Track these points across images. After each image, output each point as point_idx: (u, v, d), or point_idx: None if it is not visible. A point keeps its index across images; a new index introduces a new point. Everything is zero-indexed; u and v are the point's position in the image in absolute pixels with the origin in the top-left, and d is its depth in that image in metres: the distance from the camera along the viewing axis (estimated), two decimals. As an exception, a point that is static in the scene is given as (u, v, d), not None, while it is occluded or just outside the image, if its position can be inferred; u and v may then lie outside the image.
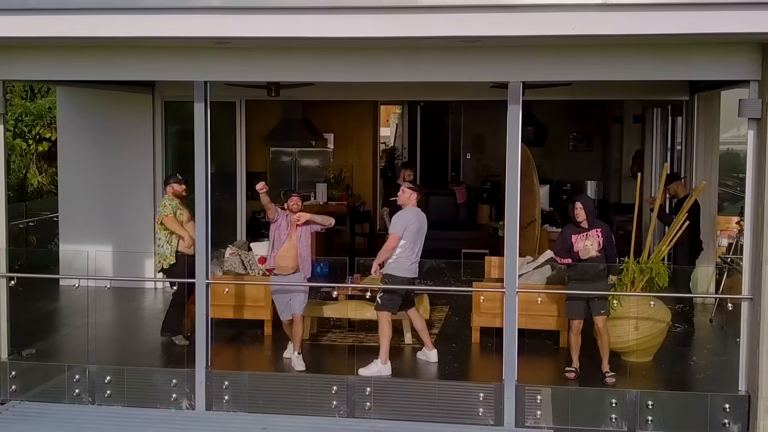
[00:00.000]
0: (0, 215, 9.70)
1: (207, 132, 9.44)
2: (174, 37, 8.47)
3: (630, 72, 8.72)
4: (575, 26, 7.60)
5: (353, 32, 8.08)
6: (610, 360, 9.40)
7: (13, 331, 10.01)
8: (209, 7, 8.35)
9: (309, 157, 18.62)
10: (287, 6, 8.22)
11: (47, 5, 8.49)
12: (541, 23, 7.72)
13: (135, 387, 9.48)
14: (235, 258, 11.70)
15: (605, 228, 9.39)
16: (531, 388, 9.00)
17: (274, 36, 8.36)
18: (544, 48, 8.71)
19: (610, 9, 7.58)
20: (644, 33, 7.65)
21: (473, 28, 7.98)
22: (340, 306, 10.93)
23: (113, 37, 8.58)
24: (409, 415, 9.09)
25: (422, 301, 10.68)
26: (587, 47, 8.56)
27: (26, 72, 9.90)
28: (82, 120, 13.99)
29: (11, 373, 9.65)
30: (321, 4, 8.14)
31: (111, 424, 9.03)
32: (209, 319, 9.54)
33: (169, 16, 8.41)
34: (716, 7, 7.67)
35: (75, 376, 9.54)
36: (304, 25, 8.26)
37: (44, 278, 11.99)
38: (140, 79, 11.67)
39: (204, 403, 9.37)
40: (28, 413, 9.29)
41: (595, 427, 8.88)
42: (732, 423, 8.69)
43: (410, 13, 8.04)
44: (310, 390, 9.27)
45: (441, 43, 8.53)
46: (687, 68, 8.68)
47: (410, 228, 9.54)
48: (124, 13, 8.42)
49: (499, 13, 7.91)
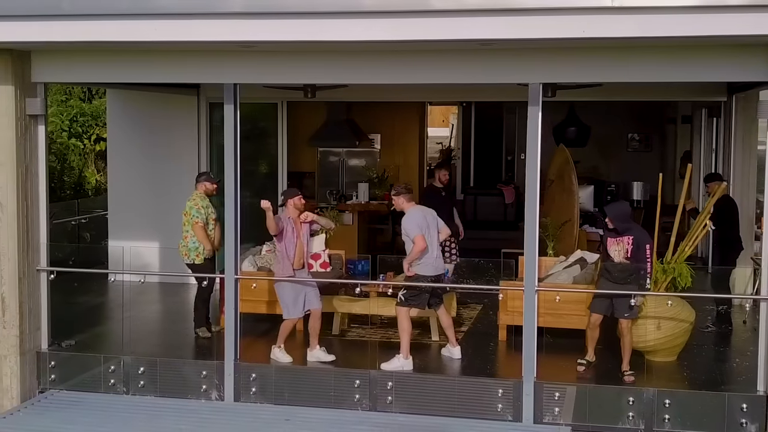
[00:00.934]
0: (42, 212, 10.11)
1: (236, 132, 9.74)
2: (211, 41, 8.80)
3: (645, 74, 8.81)
4: (586, 29, 7.72)
5: (366, 36, 8.33)
6: (633, 359, 9.47)
7: (59, 324, 10.48)
8: (238, 12, 8.62)
9: (356, 158, 18.91)
10: (311, 11, 8.46)
11: (85, 11, 8.87)
12: (553, 26, 7.84)
13: (167, 378, 9.84)
14: (271, 255, 12.00)
15: (638, 236, 9.37)
16: (549, 385, 9.13)
17: (300, 40, 8.63)
18: (561, 50, 8.83)
19: (620, 12, 7.66)
20: (652, 35, 7.75)
21: (490, 31, 8.15)
22: (367, 303, 11.16)
23: (144, 41, 8.93)
24: (430, 409, 9.29)
25: (450, 300, 10.86)
26: (603, 49, 8.68)
27: (64, 74, 10.31)
28: (130, 120, 14.46)
29: (51, 363, 10.08)
30: (340, 9, 8.38)
31: (142, 414, 9.38)
32: (238, 313, 9.85)
33: (199, 21, 8.71)
34: (729, 9, 7.73)
35: (111, 367, 9.94)
36: (329, 28, 8.51)
37: (86, 273, 12.37)
38: (173, 82, 12.00)
39: (233, 394, 9.69)
40: (65, 401, 9.72)
41: (613, 425, 8.97)
42: (749, 423, 8.71)
43: (429, 17, 8.24)
44: (334, 384, 9.54)
45: (455, 45, 8.70)
46: (703, 70, 8.72)
47: (422, 226, 9.75)
48: (153, 19, 8.74)
49: (514, 17, 8.08)
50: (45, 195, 10.17)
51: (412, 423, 9.13)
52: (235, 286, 9.80)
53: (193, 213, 10.67)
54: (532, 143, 9.09)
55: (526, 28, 8.02)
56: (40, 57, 9.89)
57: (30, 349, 10.00)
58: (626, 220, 9.37)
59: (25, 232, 9.85)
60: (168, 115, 14.25)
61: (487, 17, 8.06)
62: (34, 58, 9.88)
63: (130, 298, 11.39)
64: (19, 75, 9.71)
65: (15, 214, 9.73)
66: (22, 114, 9.76)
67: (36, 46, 9.60)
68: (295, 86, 12.51)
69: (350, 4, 8.34)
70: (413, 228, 9.72)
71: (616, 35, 7.77)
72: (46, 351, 10.17)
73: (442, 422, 9.12)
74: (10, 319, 9.79)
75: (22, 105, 9.75)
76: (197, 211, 10.67)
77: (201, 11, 8.59)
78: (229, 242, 9.82)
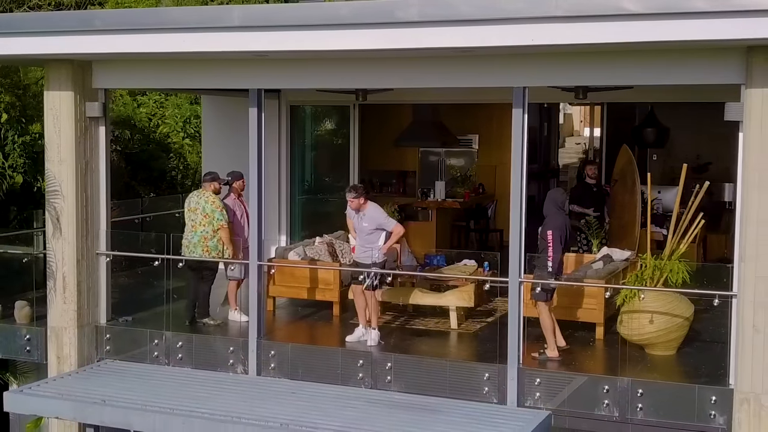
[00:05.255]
0: (102, 203, 11.48)
1: (261, 135, 10.80)
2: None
3: (619, 77, 9.23)
4: (534, 38, 8.30)
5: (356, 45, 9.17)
6: (633, 352, 10.10)
7: (126, 302, 11.96)
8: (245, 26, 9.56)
9: (455, 157, 19.69)
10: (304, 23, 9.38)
11: (138, 26, 10.10)
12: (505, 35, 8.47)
13: (201, 352, 11.01)
14: (322, 246, 13.03)
15: (546, 222, 10.18)
16: (532, 371, 9.70)
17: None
18: (542, 56, 9.38)
19: (567, 21, 8.19)
20: (594, 42, 8.23)
21: (469, 40, 8.82)
22: (395, 291, 11.99)
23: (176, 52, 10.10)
24: (424, 389, 10.02)
25: (468, 289, 11.54)
26: (585, 54, 9.16)
27: (122, 81, 11.71)
28: (221, 123, 15.80)
29: (107, 336, 11.45)
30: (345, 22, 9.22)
31: (173, 382, 10.57)
32: (262, 296, 10.90)
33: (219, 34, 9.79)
34: (701, 15, 8.04)
35: (155, 341, 11.20)
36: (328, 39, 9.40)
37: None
38: (205, 87, 13.12)
39: (255, 369, 10.74)
40: (114, 369, 11.05)
41: (590, 411, 9.44)
42: (718, 415, 8.99)
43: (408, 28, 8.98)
44: (341, 362, 10.43)
45: (438, 53, 9.41)
46: (678, 73, 9.04)
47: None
48: (180, 32, 9.88)
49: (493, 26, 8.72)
50: (106, 188, 11.52)
51: (404, 400, 9.88)
52: (259, 272, 10.84)
53: (217, 216, 11.40)
54: (517, 144, 9.68)
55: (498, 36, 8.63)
56: (101, 66, 11.27)
57: (89, 323, 11.41)
58: (549, 206, 10.18)
59: (84, 220, 11.25)
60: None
61: (473, 27, 8.69)
62: (95, 66, 11.27)
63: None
64: (79, 82, 11.11)
65: (74, 205, 11.14)
66: (82, 116, 11.16)
67: (96, 57, 10.96)
68: (348, 90, 13.39)
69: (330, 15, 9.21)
70: (386, 216, 10.73)
71: (563, 42, 8.29)
72: (104, 325, 11.55)
73: (431, 401, 9.82)
74: (69, 296, 11.21)
75: (82, 108, 11.15)
76: (221, 214, 11.44)
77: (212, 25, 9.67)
78: (253, 232, 10.87)
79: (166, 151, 19.36)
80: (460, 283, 11.92)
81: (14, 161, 14.78)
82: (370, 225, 10.76)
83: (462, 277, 12.10)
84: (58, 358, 11.29)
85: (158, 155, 18.97)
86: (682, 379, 9.65)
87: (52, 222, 11.21)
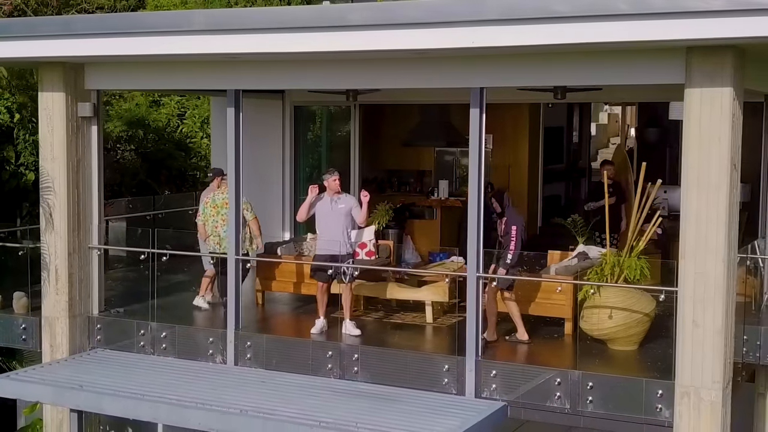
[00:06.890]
0: (95, 199, 12.03)
1: (239, 134, 11.25)
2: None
3: (567, 78, 9.49)
4: (474, 40, 8.60)
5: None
6: (594, 346, 10.39)
7: (121, 295, 12.66)
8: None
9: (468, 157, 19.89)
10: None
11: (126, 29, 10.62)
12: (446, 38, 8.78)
13: (183, 342, 11.49)
14: (313, 243, 13.42)
15: (509, 218, 10.82)
16: (488, 363, 9.98)
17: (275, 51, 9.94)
18: (497, 57, 9.65)
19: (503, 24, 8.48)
20: (530, 44, 8.51)
21: (418, 42, 9.16)
22: (373, 286, 12.34)
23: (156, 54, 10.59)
24: (388, 379, 10.36)
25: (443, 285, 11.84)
26: (531, 56, 9.43)
27: (113, 82, 12.19)
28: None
29: (98, 326, 12.01)
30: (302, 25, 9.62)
31: (155, 371, 11.06)
32: (239, 289, 11.33)
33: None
34: (623, 18, 8.32)
35: (141, 331, 11.71)
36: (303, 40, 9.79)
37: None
38: (188, 89, 13.48)
39: (233, 359, 11.18)
40: (100, 358, 11.60)
41: (543, 403, 9.70)
42: (665, 408, 9.18)
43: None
44: (311, 353, 10.82)
45: (394, 55, 9.75)
46: (626, 74, 9.27)
47: None
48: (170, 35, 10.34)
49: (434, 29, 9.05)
50: (98, 185, 12.07)
51: (367, 390, 10.24)
52: (235, 267, 11.28)
53: (249, 211, 12.14)
54: (475, 146, 10.00)
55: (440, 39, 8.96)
56: (93, 68, 11.81)
57: (81, 314, 11.97)
58: (507, 204, 10.67)
59: (75, 215, 11.80)
60: (259, 118, 15.83)
61: (425, 30, 9.02)
62: (87, 69, 11.82)
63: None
64: (71, 83, 11.67)
65: (66, 201, 11.70)
66: (73, 116, 11.72)
67: (81, 60, 11.50)
68: (339, 91, 13.77)
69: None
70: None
71: (500, 44, 8.58)
72: (95, 316, 12.10)
73: (394, 391, 10.17)
74: (62, 288, 11.78)
75: (73, 109, 11.70)
76: (248, 211, 12.12)
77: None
78: (231, 229, 11.32)
79: (186, 150, 19.98)
80: (437, 278, 12.22)
81: (26, 159, 15.50)
82: (347, 205, 11.31)
83: (429, 273, 12.41)
84: (51, 347, 11.87)
85: (176, 155, 19.56)
86: (638, 374, 9.82)
87: (45, 217, 11.79)
